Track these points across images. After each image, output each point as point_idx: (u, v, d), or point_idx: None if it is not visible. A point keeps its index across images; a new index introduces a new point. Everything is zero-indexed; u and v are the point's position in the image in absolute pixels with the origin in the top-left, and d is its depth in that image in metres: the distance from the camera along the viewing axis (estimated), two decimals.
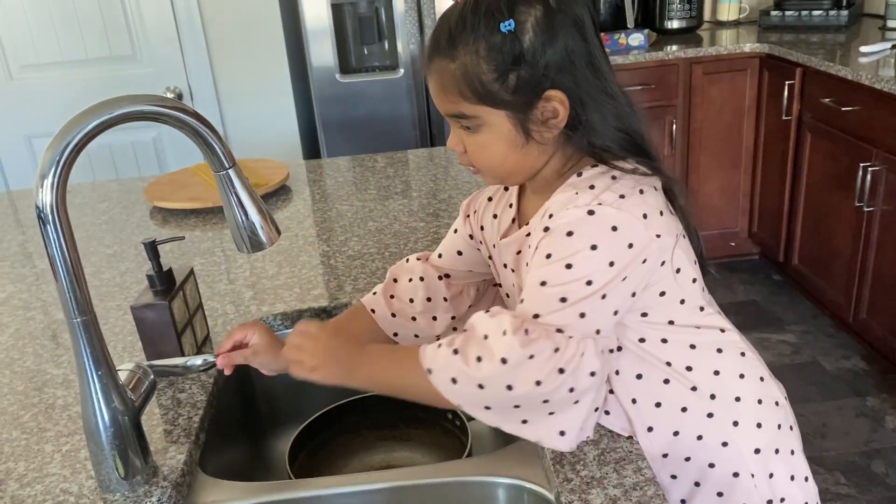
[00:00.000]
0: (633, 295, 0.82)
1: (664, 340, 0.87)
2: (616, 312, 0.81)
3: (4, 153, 3.04)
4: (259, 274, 1.38)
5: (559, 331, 0.77)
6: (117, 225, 1.72)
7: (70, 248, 0.78)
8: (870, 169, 2.40)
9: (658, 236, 0.80)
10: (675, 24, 3.23)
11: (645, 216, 0.79)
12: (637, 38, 3.03)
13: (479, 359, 0.77)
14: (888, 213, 2.37)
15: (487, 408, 0.79)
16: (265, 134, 2.99)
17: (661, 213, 0.82)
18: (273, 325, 1.23)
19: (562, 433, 0.79)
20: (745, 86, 3.04)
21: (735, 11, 3.36)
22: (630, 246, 0.78)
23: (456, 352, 0.79)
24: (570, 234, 0.78)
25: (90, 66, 2.91)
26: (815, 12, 3.14)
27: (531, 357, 0.75)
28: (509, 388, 0.76)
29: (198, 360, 0.96)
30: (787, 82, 2.80)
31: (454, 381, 0.79)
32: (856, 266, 2.57)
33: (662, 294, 0.84)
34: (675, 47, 3.02)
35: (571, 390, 0.76)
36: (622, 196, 0.79)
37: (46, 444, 0.96)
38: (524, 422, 0.79)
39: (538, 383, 0.75)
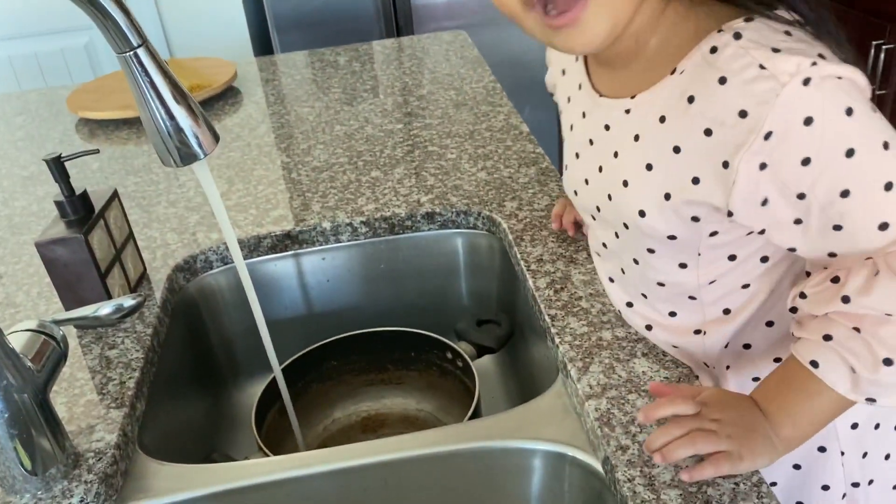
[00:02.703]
0: None
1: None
2: None
3: None
4: (205, 193, 1.14)
5: None
6: (35, 141, 1.44)
7: None
8: (883, 47, 2.18)
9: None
10: None
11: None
12: None
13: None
14: None
15: None
16: (209, 31, 2.66)
17: None
18: (225, 257, 1.00)
19: None
20: None
21: None
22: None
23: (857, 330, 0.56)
24: (808, 121, 0.53)
25: None
26: None
27: None
28: None
29: (108, 308, 0.73)
30: None
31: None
32: None
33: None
34: None
35: None
36: (822, 55, 0.54)
37: None
38: None
39: None
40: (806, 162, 0.53)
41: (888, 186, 0.53)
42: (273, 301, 1.03)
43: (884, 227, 0.53)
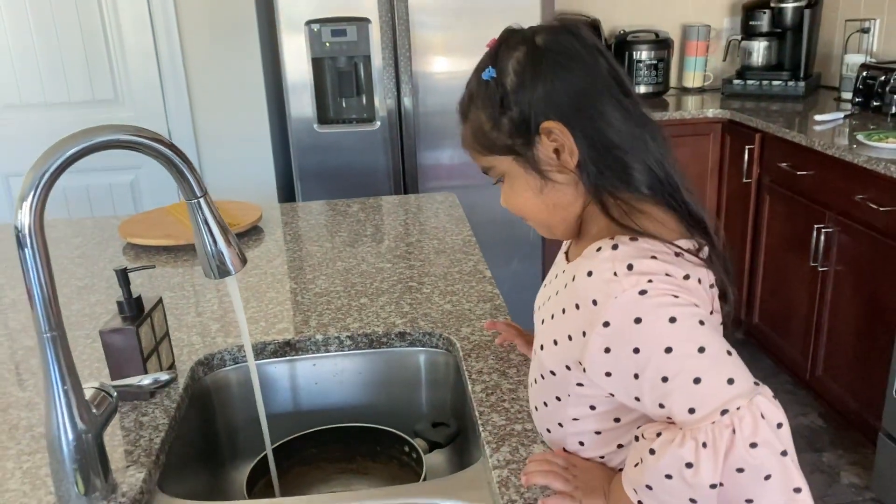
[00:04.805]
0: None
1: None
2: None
3: None
4: (226, 308, 1.42)
5: (724, 412, 0.70)
6: (90, 259, 1.75)
7: (45, 267, 0.82)
8: (823, 230, 2.51)
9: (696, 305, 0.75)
10: (642, 90, 3.37)
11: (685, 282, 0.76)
12: None
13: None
14: (841, 273, 2.47)
15: None
16: (242, 179, 3.04)
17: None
18: (237, 357, 1.26)
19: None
20: (709, 149, 3.17)
21: (700, 79, 3.52)
22: (695, 305, 0.74)
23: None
24: (637, 321, 0.72)
25: (73, 109, 2.97)
26: (775, 82, 3.30)
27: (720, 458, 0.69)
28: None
29: (148, 379, 0.99)
30: (747, 147, 2.93)
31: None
32: (812, 324, 2.65)
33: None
34: None
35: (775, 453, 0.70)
36: (668, 274, 0.74)
37: (7, 462, 0.98)
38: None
39: (740, 470, 0.69)
40: (636, 351, 0.72)
41: (697, 381, 0.70)
42: (269, 396, 1.28)
43: (692, 411, 0.70)
